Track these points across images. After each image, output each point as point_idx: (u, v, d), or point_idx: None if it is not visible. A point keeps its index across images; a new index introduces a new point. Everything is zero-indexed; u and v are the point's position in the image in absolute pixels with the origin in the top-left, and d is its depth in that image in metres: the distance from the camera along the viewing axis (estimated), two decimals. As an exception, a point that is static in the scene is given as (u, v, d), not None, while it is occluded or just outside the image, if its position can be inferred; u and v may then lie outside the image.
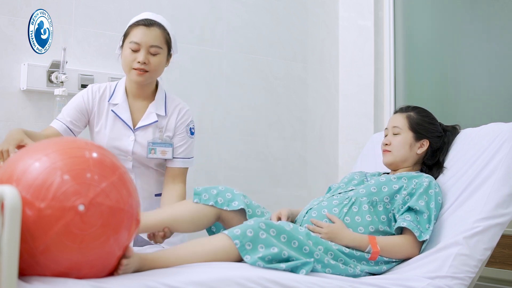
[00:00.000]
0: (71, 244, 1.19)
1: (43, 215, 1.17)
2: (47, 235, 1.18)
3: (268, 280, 1.42)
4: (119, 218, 1.26)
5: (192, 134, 2.10)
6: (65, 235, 1.18)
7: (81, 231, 1.19)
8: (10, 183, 1.20)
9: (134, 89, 2.03)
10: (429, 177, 1.93)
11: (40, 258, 1.20)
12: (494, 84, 2.75)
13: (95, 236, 1.21)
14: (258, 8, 2.94)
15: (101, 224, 1.22)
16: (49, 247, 1.19)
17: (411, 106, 2.11)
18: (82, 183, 1.21)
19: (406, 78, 3.10)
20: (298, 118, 3.06)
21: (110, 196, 1.24)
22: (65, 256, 1.20)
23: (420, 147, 2.04)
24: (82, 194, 1.20)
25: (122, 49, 2.00)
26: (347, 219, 1.84)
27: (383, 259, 1.79)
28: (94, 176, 1.24)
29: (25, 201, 1.18)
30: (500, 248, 2.40)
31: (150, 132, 2.02)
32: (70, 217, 1.18)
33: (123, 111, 2.01)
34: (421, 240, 1.80)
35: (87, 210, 1.19)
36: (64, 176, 1.21)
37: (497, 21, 2.78)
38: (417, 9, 3.11)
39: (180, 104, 2.10)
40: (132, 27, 1.98)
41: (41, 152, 1.26)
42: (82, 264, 1.24)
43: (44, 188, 1.19)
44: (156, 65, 1.96)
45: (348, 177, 2.12)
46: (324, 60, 3.17)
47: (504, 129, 1.96)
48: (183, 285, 1.32)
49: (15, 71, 2.25)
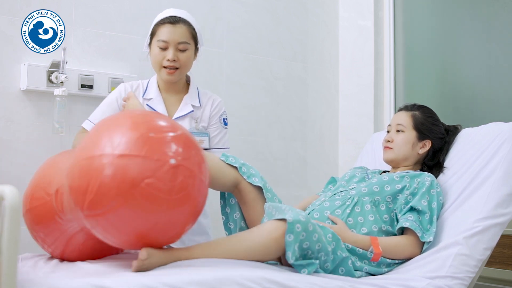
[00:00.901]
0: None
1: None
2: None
3: (268, 280, 1.42)
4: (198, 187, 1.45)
5: (226, 125, 2.18)
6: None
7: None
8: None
9: (166, 85, 2.10)
10: (431, 176, 1.93)
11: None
12: (494, 84, 2.75)
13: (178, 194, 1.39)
14: (258, 8, 2.94)
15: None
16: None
17: (416, 105, 2.10)
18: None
19: (406, 78, 3.09)
20: (298, 118, 3.06)
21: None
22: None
23: (422, 147, 2.04)
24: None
25: (150, 47, 2.05)
26: (350, 220, 1.84)
27: (385, 260, 1.79)
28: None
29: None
30: (500, 248, 2.40)
31: (186, 123, 2.08)
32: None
33: (158, 104, 2.07)
34: (423, 241, 1.80)
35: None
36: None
37: (497, 21, 2.77)
38: (417, 9, 3.11)
39: (212, 95, 2.18)
40: (158, 25, 2.02)
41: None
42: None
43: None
44: (185, 60, 2.02)
45: (350, 174, 2.11)
46: (324, 60, 3.17)
47: (504, 129, 1.96)
48: (183, 284, 1.32)
49: (15, 71, 2.25)
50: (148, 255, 1.42)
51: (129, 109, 1.94)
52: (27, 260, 1.67)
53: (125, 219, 1.37)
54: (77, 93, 2.35)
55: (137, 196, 1.34)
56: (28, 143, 2.27)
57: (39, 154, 2.29)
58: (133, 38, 2.53)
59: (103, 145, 1.39)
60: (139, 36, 2.55)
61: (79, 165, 1.41)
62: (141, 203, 1.35)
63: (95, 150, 1.40)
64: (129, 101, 1.96)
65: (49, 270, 1.52)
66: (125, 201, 1.34)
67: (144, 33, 2.56)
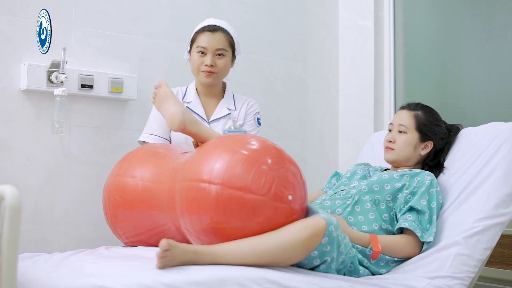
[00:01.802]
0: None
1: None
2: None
3: (269, 281, 1.42)
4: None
5: (260, 124, 2.28)
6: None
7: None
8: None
9: (204, 90, 2.22)
10: (430, 174, 1.92)
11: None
12: (494, 84, 2.75)
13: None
14: (258, 8, 2.94)
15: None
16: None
17: (419, 105, 2.08)
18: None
19: (406, 78, 3.09)
20: (298, 118, 3.06)
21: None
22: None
23: (424, 148, 2.03)
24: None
25: (190, 54, 2.17)
26: (351, 218, 1.85)
27: (385, 257, 1.79)
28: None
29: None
30: (500, 248, 2.40)
31: (221, 124, 2.19)
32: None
33: (197, 106, 2.18)
34: (423, 241, 1.80)
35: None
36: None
37: (497, 21, 2.77)
38: (417, 9, 3.11)
39: (247, 99, 2.30)
40: (198, 33, 2.14)
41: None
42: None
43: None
44: (222, 66, 2.13)
45: (352, 171, 2.12)
46: (324, 60, 3.17)
47: (503, 129, 1.96)
48: (183, 284, 1.32)
49: (15, 71, 2.25)
50: (170, 245, 1.39)
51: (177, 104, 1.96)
52: (27, 260, 1.67)
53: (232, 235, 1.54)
54: (77, 93, 2.35)
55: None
56: (28, 143, 2.27)
57: (39, 154, 2.29)
58: (133, 38, 2.53)
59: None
60: (139, 36, 2.55)
61: (195, 190, 1.57)
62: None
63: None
64: (160, 89, 1.99)
65: (49, 270, 1.52)
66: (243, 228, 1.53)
67: (144, 33, 2.57)
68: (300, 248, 1.50)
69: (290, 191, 1.56)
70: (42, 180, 2.30)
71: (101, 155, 2.42)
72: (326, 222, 1.51)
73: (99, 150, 2.42)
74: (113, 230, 1.91)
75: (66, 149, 2.35)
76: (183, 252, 1.41)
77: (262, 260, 1.48)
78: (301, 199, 1.61)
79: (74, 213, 2.36)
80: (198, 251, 1.44)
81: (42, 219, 2.29)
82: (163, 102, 1.95)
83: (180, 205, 1.62)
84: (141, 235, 1.83)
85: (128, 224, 1.84)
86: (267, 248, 1.48)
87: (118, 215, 1.85)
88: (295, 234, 1.49)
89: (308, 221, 1.52)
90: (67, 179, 2.35)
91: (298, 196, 1.59)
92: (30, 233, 2.24)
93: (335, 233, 1.53)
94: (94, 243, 2.16)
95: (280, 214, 1.54)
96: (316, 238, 1.50)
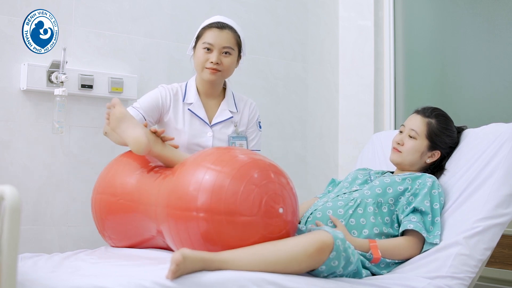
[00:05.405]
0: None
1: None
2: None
3: (269, 282, 1.42)
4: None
5: (260, 128, 2.25)
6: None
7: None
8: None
9: (205, 88, 2.14)
10: (432, 177, 1.93)
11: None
12: (494, 84, 2.75)
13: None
14: (258, 8, 2.94)
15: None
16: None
17: (435, 112, 2.04)
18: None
19: (406, 78, 3.09)
20: (298, 118, 3.06)
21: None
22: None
23: (430, 157, 2.02)
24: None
25: (195, 50, 2.11)
26: (352, 221, 1.84)
27: (385, 260, 1.79)
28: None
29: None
30: (500, 248, 2.40)
31: (225, 127, 2.14)
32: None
33: (198, 109, 2.12)
34: (429, 242, 1.80)
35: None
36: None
37: (498, 21, 2.77)
38: (417, 9, 3.11)
39: (248, 100, 2.25)
40: (205, 29, 2.08)
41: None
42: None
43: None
44: (227, 65, 2.07)
45: (352, 176, 2.11)
46: (324, 60, 3.17)
47: (504, 130, 1.96)
48: (182, 286, 1.32)
49: (15, 71, 2.25)
50: (184, 258, 1.36)
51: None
52: (27, 260, 1.67)
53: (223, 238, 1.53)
54: (77, 93, 2.35)
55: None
56: (28, 143, 2.27)
57: (39, 154, 2.29)
58: (133, 38, 2.53)
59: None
60: (139, 36, 2.55)
61: (182, 220, 1.55)
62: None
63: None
64: (114, 109, 1.86)
65: (49, 270, 1.52)
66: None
67: (144, 33, 2.56)
68: (305, 263, 1.51)
69: (280, 204, 1.53)
70: (42, 180, 2.29)
71: (101, 155, 2.42)
72: (332, 238, 1.51)
73: (99, 150, 2.42)
74: (104, 238, 1.95)
75: (66, 149, 2.35)
76: (193, 262, 1.40)
77: (269, 269, 1.48)
78: (292, 207, 1.59)
79: (74, 213, 2.36)
80: (207, 259, 1.43)
81: (42, 219, 2.29)
82: (120, 124, 1.82)
83: (169, 233, 1.61)
84: (130, 244, 1.87)
85: (117, 237, 1.88)
86: (276, 259, 1.49)
87: (106, 229, 1.90)
88: (303, 248, 1.50)
89: (315, 236, 1.52)
90: (67, 179, 2.35)
91: (289, 206, 1.57)
92: (30, 233, 2.24)
93: (342, 246, 1.53)
94: (94, 243, 2.15)
95: (273, 229, 1.52)
96: (323, 254, 1.51)
